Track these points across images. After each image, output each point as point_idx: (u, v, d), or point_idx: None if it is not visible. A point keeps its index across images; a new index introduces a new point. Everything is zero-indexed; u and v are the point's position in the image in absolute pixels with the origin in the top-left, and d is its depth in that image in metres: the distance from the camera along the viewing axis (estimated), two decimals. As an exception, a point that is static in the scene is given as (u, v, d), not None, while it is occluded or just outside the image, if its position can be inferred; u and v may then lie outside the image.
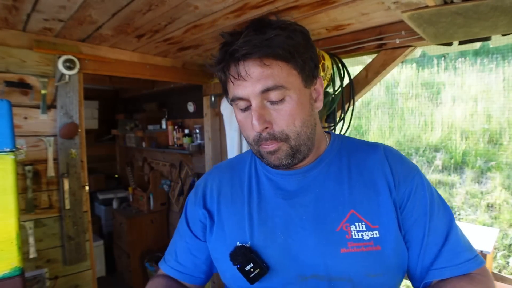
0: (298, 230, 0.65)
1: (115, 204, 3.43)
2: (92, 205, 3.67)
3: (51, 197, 1.50)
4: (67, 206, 1.51)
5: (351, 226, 0.63)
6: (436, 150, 4.15)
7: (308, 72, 0.63)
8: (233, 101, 0.64)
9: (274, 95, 0.60)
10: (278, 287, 0.64)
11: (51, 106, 1.49)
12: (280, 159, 0.64)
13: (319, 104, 0.68)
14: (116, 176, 4.19)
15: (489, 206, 3.62)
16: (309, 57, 0.63)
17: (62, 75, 1.50)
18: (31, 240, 1.40)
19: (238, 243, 0.68)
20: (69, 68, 1.50)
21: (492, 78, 3.86)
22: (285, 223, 0.66)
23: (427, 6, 0.89)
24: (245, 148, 2.02)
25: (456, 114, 4.09)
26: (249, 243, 0.67)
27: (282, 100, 0.61)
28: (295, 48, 0.60)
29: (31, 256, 1.40)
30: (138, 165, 3.72)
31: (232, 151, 2.03)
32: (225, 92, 0.68)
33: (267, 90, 0.59)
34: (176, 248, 0.79)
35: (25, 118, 1.43)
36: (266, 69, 0.59)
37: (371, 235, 0.62)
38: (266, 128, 0.61)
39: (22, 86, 1.41)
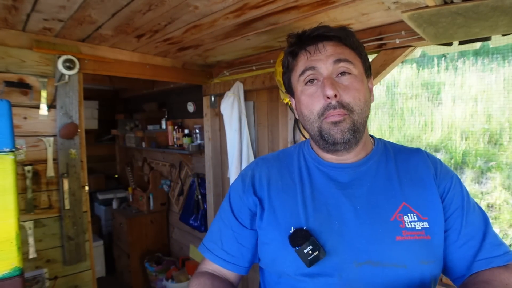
0: (352, 219, 0.69)
1: (114, 204, 3.43)
2: (92, 205, 3.67)
3: (50, 197, 1.50)
4: (67, 206, 1.51)
5: (404, 217, 0.68)
6: (436, 150, 4.14)
7: (367, 66, 0.76)
8: (302, 74, 0.72)
9: (343, 65, 0.69)
10: (332, 271, 0.67)
11: (51, 106, 1.49)
12: (343, 131, 0.69)
13: (373, 98, 0.78)
14: (116, 176, 4.19)
15: (489, 206, 3.62)
16: (366, 57, 0.76)
17: (62, 75, 1.49)
18: (31, 240, 1.40)
19: (292, 228, 0.70)
20: (69, 68, 1.50)
21: (492, 78, 3.85)
22: (339, 211, 0.70)
23: (427, 6, 0.89)
24: (245, 148, 2.02)
25: (456, 114, 4.08)
26: (305, 227, 0.70)
27: (350, 74, 0.70)
28: (358, 44, 0.74)
29: (31, 256, 1.40)
30: (138, 165, 3.72)
31: (232, 151, 2.03)
32: (288, 80, 0.79)
33: (338, 61, 0.69)
34: (222, 237, 0.79)
35: (25, 118, 1.43)
36: (339, 48, 0.71)
37: (422, 225, 0.67)
38: (335, 96, 0.67)
39: (22, 86, 1.41)
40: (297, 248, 0.67)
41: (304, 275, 0.68)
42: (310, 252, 0.65)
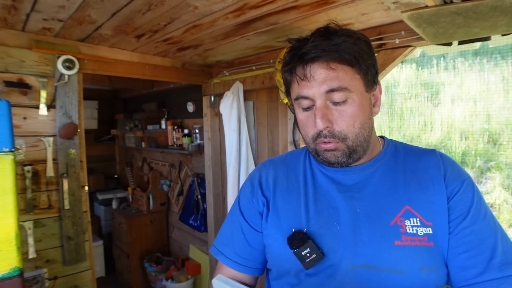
0: (352, 222, 0.68)
1: (114, 204, 3.43)
2: (92, 205, 3.67)
3: (50, 197, 1.50)
4: (67, 206, 1.51)
5: (406, 221, 0.65)
6: (436, 150, 4.14)
7: (370, 78, 0.68)
8: (296, 100, 0.68)
9: (337, 96, 0.64)
10: (329, 273, 0.67)
11: (51, 106, 1.48)
12: (336, 157, 0.68)
13: (377, 109, 0.73)
14: (116, 176, 4.18)
15: (489, 206, 3.62)
16: (371, 64, 0.67)
17: (62, 75, 1.49)
18: (31, 240, 1.40)
19: (293, 229, 0.71)
20: (69, 68, 1.50)
21: (492, 78, 3.86)
22: (340, 214, 0.69)
23: (426, 6, 0.89)
24: (244, 148, 2.02)
25: (455, 114, 4.08)
26: (305, 230, 0.70)
27: (344, 102, 0.64)
28: (359, 54, 0.64)
29: (31, 256, 1.40)
30: (137, 165, 3.71)
31: (230, 151, 2.03)
32: (287, 93, 0.74)
33: (331, 91, 0.63)
34: (234, 240, 0.81)
35: (24, 118, 1.43)
36: (331, 72, 0.63)
37: (425, 231, 0.64)
38: (327, 127, 0.65)
39: (21, 86, 1.40)
40: (295, 250, 0.67)
41: (303, 274, 0.69)
42: (308, 254, 0.66)
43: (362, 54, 0.65)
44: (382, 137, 0.80)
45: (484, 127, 3.85)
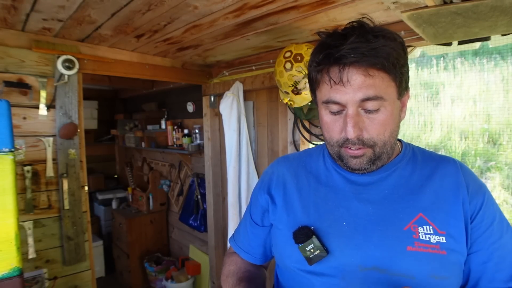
0: (364, 223, 0.67)
1: (114, 205, 3.43)
2: (91, 206, 3.67)
3: (50, 198, 1.50)
4: (66, 207, 1.51)
5: (419, 228, 0.65)
6: (436, 150, 4.14)
7: (404, 85, 0.65)
8: (326, 103, 0.65)
9: (371, 105, 0.61)
10: (336, 273, 0.67)
11: (50, 106, 1.48)
12: (361, 163, 0.66)
13: (404, 115, 0.71)
14: (116, 176, 4.18)
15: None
16: (406, 70, 0.65)
17: (61, 75, 1.49)
18: (30, 240, 1.40)
19: (301, 225, 0.71)
20: (68, 68, 1.50)
21: (491, 78, 3.86)
22: (351, 214, 0.69)
23: (426, 6, 0.89)
24: (244, 147, 2.02)
25: (455, 114, 4.09)
26: (312, 227, 0.70)
27: (377, 110, 0.62)
28: (397, 60, 0.61)
29: (30, 256, 1.40)
30: (137, 165, 3.71)
31: (230, 151, 2.03)
32: (313, 92, 0.71)
33: (366, 99, 0.60)
34: (240, 230, 0.90)
35: (24, 118, 1.43)
36: (369, 79, 0.60)
37: (438, 239, 0.64)
38: (358, 135, 0.63)
39: (21, 86, 1.40)
40: (300, 245, 0.68)
41: (307, 272, 0.69)
42: (312, 250, 0.66)
43: (400, 59, 0.61)
44: (399, 140, 0.78)
45: (484, 127, 3.85)
